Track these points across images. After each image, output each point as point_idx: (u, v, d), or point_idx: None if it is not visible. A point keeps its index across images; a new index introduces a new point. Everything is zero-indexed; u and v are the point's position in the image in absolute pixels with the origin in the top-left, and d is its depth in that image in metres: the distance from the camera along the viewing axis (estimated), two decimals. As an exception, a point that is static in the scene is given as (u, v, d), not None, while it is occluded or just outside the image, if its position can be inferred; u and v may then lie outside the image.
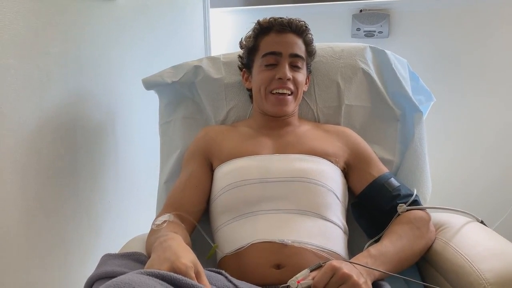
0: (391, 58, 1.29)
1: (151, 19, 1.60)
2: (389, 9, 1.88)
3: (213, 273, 0.83)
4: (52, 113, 1.14)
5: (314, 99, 1.28)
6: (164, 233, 0.89)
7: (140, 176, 1.55)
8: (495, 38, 1.80)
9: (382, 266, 0.89)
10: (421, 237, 0.99)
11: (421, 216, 1.02)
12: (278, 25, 1.15)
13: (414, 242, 0.98)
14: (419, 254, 0.99)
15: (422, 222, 1.01)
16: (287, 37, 1.14)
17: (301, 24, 1.16)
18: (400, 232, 0.98)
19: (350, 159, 1.13)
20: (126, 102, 1.47)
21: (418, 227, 1.00)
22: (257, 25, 1.18)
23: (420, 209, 1.04)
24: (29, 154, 1.07)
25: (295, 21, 1.16)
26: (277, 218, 0.98)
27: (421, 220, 1.02)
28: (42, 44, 1.09)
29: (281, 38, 1.14)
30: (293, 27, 1.15)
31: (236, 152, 1.10)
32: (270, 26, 1.16)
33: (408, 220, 1.01)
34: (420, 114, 1.23)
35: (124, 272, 0.77)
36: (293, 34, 1.15)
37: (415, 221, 1.01)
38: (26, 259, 1.08)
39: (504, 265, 0.85)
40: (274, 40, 1.15)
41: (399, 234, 0.98)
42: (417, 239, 0.98)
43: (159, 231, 0.93)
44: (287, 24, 1.14)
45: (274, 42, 1.14)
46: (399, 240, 0.96)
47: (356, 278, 0.80)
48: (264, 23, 1.17)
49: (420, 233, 0.99)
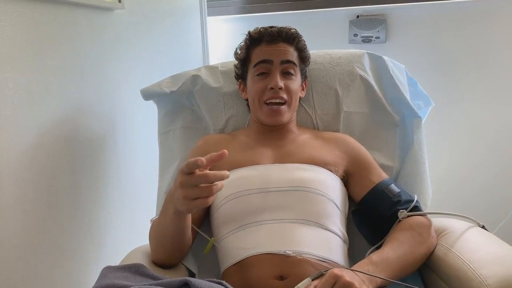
0: (389, 64, 1.29)
1: (149, 29, 1.60)
2: (386, 14, 1.89)
3: (214, 284, 0.82)
4: (51, 125, 1.14)
5: (312, 106, 1.29)
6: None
7: (142, 187, 1.55)
8: (491, 42, 1.80)
9: (384, 273, 0.89)
10: (423, 243, 0.99)
11: (422, 222, 1.02)
12: (268, 35, 1.15)
13: (415, 248, 0.97)
14: (421, 260, 0.99)
15: (423, 228, 1.01)
16: (278, 46, 1.15)
17: (291, 32, 1.16)
18: (401, 238, 0.98)
19: (350, 166, 1.13)
20: (126, 112, 1.47)
21: (420, 233, 1.00)
22: (248, 36, 1.19)
23: (421, 215, 1.04)
24: (28, 167, 1.07)
25: (285, 29, 1.16)
26: (278, 228, 0.98)
27: (422, 226, 1.01)
28: (40, 56, 1.09)
29: (272, 48, 1.15)
30: (283, 36, 1.15)
31: (237, 162, 1.10)
32: (260, 36, 1.16)
33: (409, 226, 1.01)
34: (419, 120, 1.23)
35: (125, 285, 0.77)
36: (284, 42, 1.15)
37: (416, 227, 1.00)
38: (26, 271, 1.07)
39: (506, 270, 0.84)
40: (265, 50, 1.15)
41: (400, 240, 0.98)
42: (418, 245, 0.98)
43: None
44: (277, 33, 1.15)
45: (265, 51, 1.15)
46: (400, 246, 0.96)
47: (358, 286, 0.79)
48: (254, 34, 1.18)
49: (421, 239, 0.99)
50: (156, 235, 1.01)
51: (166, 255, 1.01)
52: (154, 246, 1.02)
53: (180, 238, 0.98)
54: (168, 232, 0.95)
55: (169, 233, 0.96)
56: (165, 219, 0.94)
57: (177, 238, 0.97)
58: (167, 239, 0.97)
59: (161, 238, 0.99)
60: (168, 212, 0.92)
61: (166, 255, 1.01)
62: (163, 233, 0.97)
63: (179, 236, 0.97)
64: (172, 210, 0.89)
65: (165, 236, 0.97)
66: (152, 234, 1.03)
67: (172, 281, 0.80)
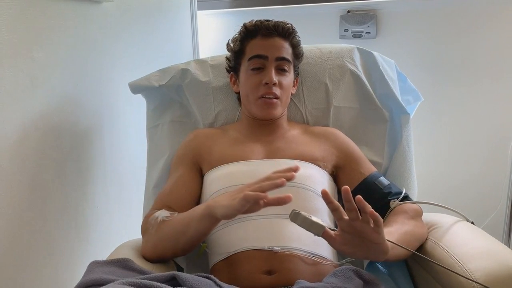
0: (379, 59, 1.29)
1: (137, 22, 1.58)
2: (376, 9, 1.89)
3: (201, 278, 0.82)
4: (37, 119, 1.12)
5: (302, 101, 1.28)
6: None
7: (129, 182, 1.54)
8: (481, 38, 1.81)
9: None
10: (420, 227, 1.01)
11: (415, 208, 1.04)
12: (264, 29, 1.14)
13: (415, 228, 0.99)
14: (421, 241, 0.99)
15: (416, 213, 1.03)
16: (274, 41, 1.14)
17: (287, 27, 1.16)
18: (399, 220, 0.99)
19: (339, 160, 1.13)
20: (113, 106, 1.45)
21: (413, 217, 1.01)
22: (243, 28, 1.17)
23: (413, 203, 1.06)
24: (13, 162, 1.05)
25: (281, 24, 1.15)
26: (267, 223, 0.98)
27: (415, 211, 1.03)
28: (26, 49, 1.07)
29: (267, 42, 1.14)
30: (279, 31, 1.14)
31: (226, 158, 1.10)
32: (256, 29, 1.15)
33: (403, 210, 1.02)
34: (407, 116, 1.24)
35: (111, 279, 0.76)
36: (279, 37, 1.14)
37: (410, 211, 1.02)
38: (12, 267, 1.06)
39: (493, 264, 0.85)
40: (260, 43, 1.14)
41: (399, 222, 0.98)
42: (416, 227, 1.00)
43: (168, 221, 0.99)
44: (273, 27, 1.14)
45: (260, 45, 1.14)
46: (401, 226, 0.96)
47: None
48: (250, 27, 1.16)
49: (416, 223, 1.01)
50: (174, 231, 0.98)
51: (170, 250, 0.99)
52: (158, 241, 0.99)
53: (198, 239, 0.96)
54: (191, 231, 0.94)
55: (191, 232, 0.94)
56: (192, 218, 0.93)
57: (195, 239, 0.96)
58: (185, 237, 0.95)
59: (179, 235, 0.96)
60: (198, 213, 0.92)
61: (171, 250, 1.00)
62: (183, 231, 0.95)
63: (199, 237, 0.96)
64: (206, 211, 0.89)
65: (185, 233, 0.95)
66: (161, 230, 0.99)
67: (160, 275, 0.79)
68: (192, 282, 0.78)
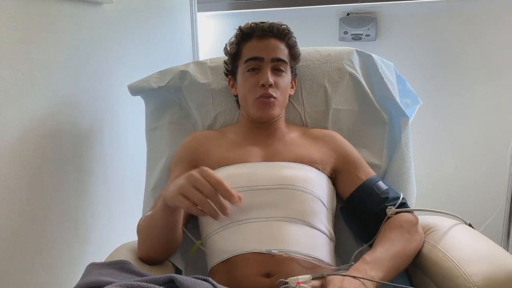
0: (378, 62, 1.29)
1: (138, 24, 1.59)
2: (376, 12, 1.89)
3: (199, 281, 0.82)
4: (37, 120, 1.12)
5: (301, 103, 1.28)
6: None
7: (129, 183, 1.54)
8: (481, 40, 1.81)
9: (379, 273, 0.89)
10: (412, 241, 1.00)
11: (410, 219, 1.03)
12: (259, 31, 1.14)
13: (406, 246, 0.98)
14: (412, 256, 0.99)
15: (411, 224, 1.02)
16: (269, 42, 1.14)
17: (282, 28, 1.16)
18: (392, 237, 0.98)
19: (338, 163, 1.13)
20: (113, 108, 1.46)
21: (408, 230, 1.00)
22: (239, 31, 1.18)
23: (409, 211, 1.05)
24: (13, 162, 1.05)
25: (276, 25, 1.15)
26: (265, 226, 0.98)
27: (410, 223, 1.02)
28: (26, 50, 1.07)
29: (263, 43, 1.14)
30: (274, 32, 1.14)
31: (225, 160, 1.10)
32: (251, 31, 1.15)
33: (398, 224, 1.01)
34: (406, 119, 1.24)
35: (109, 281, 0.76)
36: (274, 38, 1.14)
37: (405, 224, 1.01)
38: (12, 267, 1.06)
39: (491, 268, 0.85)
40: (255, 45, 1.14)
41: (391, 239, 0.98)
42: (409, 242, 0.99)
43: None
44: (268, 29, 1.14)
45: (255, 47, 1.14)
46: (392, 245, 0.96)
47: None
48: (245, 29, 1.17)
49: (411, 237, 1.00)
50: (145, 227, 1.01)
51: (151, 249, 1.01)
52: (142, 240, 1.02)
53: (167, 233, 0.98)
54: (157, 224, 0.95)
55: (157, 226, 0.96)
56: (155, 211, 0.95)
57: (163, 233, 0.97)
58: (155, 232, 0.97)
59: (149, 231, 0.99)
60: (159, 205, 0.93)
61: (152, 249, 1.01)
62: (152, 226, 0.97)
63: (166, 231, 0.97)
64: (163, 202, 0.90)
65: (154, 228, 0.97)
66: (141, 227, 1.03)
67: (157, 277, 0.79)
68: (189, 285, 0.77)
